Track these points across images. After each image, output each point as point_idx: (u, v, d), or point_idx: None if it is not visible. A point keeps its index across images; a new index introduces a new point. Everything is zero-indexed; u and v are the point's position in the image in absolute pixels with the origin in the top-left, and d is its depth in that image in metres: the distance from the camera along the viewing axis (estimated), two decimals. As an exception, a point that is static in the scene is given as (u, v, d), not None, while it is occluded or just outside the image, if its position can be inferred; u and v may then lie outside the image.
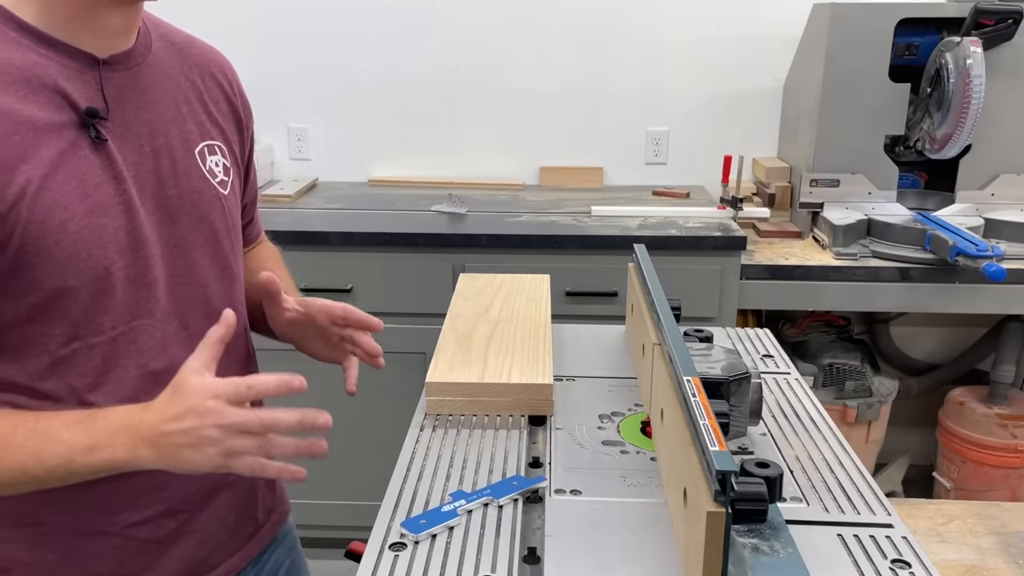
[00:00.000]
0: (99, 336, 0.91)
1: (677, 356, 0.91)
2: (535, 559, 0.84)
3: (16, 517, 0.94)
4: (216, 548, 1.07)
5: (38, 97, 0.85)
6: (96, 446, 0.84)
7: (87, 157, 0.88)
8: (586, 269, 2.25)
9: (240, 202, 1.11)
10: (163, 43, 1.01)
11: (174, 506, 1.00)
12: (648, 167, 2.90)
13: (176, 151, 0.98)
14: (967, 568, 1.24)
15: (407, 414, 1.14)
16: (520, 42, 2.81)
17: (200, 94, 1.04)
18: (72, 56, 0.89)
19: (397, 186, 2.86)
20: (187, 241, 0.99)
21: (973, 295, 2.22)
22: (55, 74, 0.87)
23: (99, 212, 0.88)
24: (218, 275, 1.02)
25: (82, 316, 0.89)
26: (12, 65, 0.85)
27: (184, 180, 0.98)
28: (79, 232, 0.87)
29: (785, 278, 2.25)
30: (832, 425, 1.12)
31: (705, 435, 0.74)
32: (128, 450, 0.84)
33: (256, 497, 1.14)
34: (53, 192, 0.85)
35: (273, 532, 1.18)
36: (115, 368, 0.92)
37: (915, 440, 2.82)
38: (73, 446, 0.84)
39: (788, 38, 2.65)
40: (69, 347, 0.90)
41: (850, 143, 2.37)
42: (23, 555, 0.94)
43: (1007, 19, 2.26)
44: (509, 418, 1.12)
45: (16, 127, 0.83)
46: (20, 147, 0.83)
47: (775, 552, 0.77)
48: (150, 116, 0.96)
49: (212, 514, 1.05)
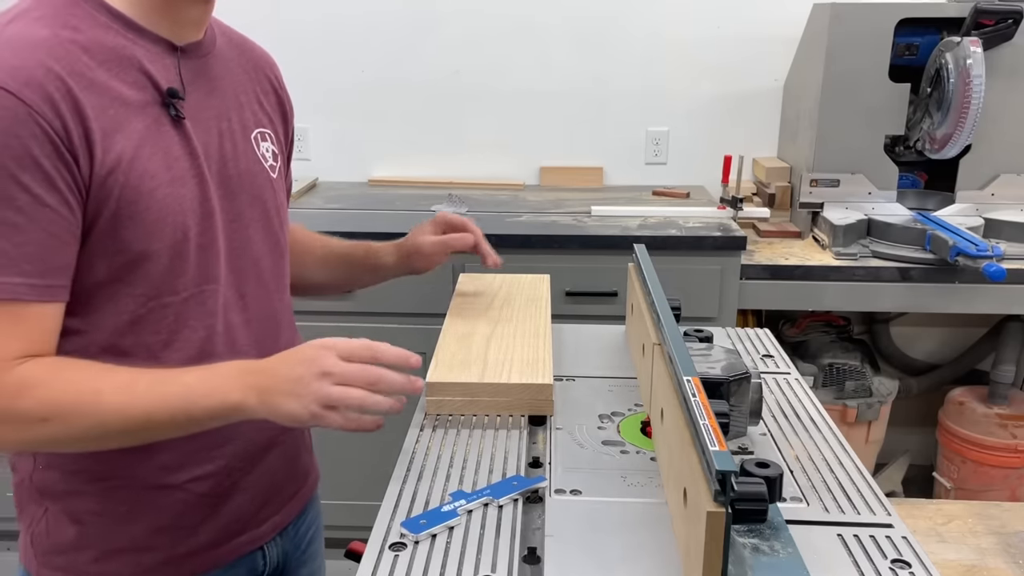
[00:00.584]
0: (173, 296, 0.99)
1: (677, 356, 0.91)
2: (535, 559, 0.84)
3: (90, 473, 1.02)
4: (265, 503, 1.16)
5: (126, 76, 0.95)
6: (214, 390, 0.91)
7: (168, 133, 0.98)
8: (586, 269, 2.25)
9: (284, 186, 1.22)
10: (224, 39, 1.12)
11: (230, 463, 1.09)
12: (648, 167, 2.90)
13: (236, 135, 1.08)
14: (967, 568, 1.24)
15: (407, 414, 1.14)
16: (520, 42, 2.81)
17: (254, 86, 1.15)
18: (154, 42, 0.99)
19: (397, 186, 2.87)
20: (244, 216, 1.08)
21: (973, 295, 2.22)
22: (140, 57, 0.97)
23: (179, 183, 0.98)
24: (269, 249, 1.13)
25: (161, 278, 0.98)
26: (105, 46, 0.94)
27: (243, 161, 1.08)
28: (164, 199, 0.96)
29: (785, 278, 2.25)
30: (832, 425, 1.12)
31: (705, 435, 0.74)
32: (241, 393, 0.91)
33: (299, 458, 1.23)
34: (144, 161, 0.94)
35: (311, 493, 1.28)
36: (184, 328, 1.01)
37: (915, 440, 2.82)
38: (194, 389, 0.91)
39: (788, 38, 2.65)
40: (147, 306, 0.98)
41: (850, 143, 2.37)
42: (95, 507, 1.03)
43: (1007, 19, 2.26)
44: (509, 418, 1.12)
45: (111, 101, 0.92)
46: (115, 119, 0.92)
47: (775, 552, 0.77)
48: (216, 101, 1.06)
49: (263, 472, 1.14)
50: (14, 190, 0.86)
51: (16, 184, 0.86)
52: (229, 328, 1.05)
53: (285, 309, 1.18)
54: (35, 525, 1.06)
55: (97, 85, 0.91)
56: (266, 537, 1.17)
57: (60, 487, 1.04)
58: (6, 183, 0.86)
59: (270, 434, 1.14)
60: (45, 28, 0.91)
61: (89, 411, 0.89)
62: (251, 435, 1.10)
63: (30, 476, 1.05)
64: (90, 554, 1.04)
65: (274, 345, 1.10)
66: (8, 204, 0.86)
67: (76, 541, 1.04)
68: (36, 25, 0.91)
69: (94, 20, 0.94)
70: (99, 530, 1.04)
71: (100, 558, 1.05)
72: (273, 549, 1.20)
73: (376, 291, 2.25)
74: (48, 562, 1.06)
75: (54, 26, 0.91)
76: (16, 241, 0.87)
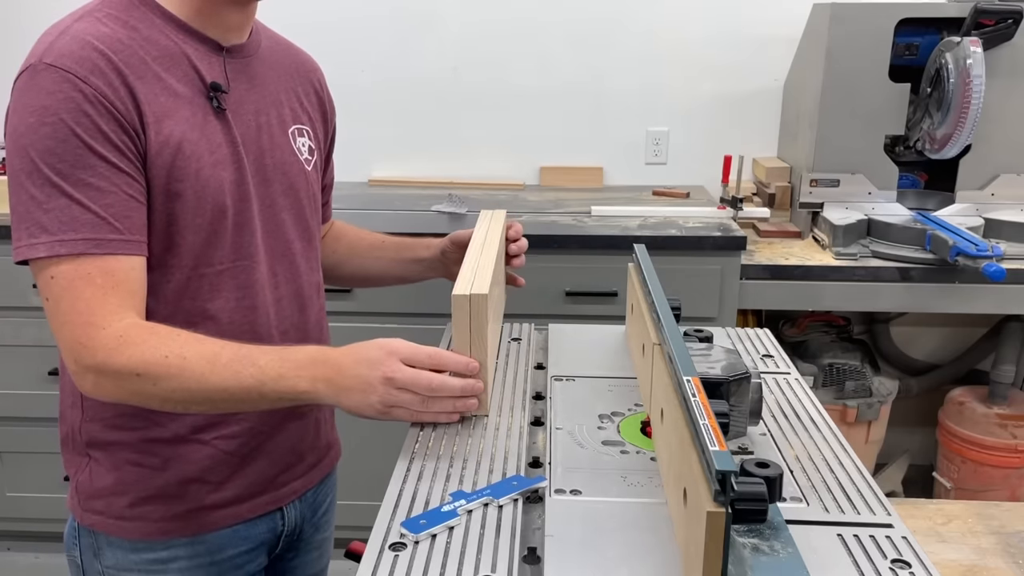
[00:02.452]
0: (209, 268, 1.11)
1: (677, 356, 0.91)
2: (535, 559, 0.84)
3: (129, 426, 1.13)
4: (285, 468, 1.25)
5: (177, 71, 1.07)
6: (284, 375, 1.01)
7: (212, 122, 1.09)
8: (586, 269, 2.25)
9: (321, 181, 1.33)
10: (270, 43, 1.25)
11: (255, 426, 1.19)
12: (648, 167, 2.90)
13: (274, 128, 1.19)
14: (967, 568, 1.24)
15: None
16: (520, 42, 2.81)
17: (295, 87, 1.26)
18: (202, 41, 1.11)
19: (397, 186, 2.86)
20: (278, 203, 1.19)
21: (973, 295, 2.22)
22: (190, 54, 1.09)
23: (220, 166, 1.09)
24: (300, 234, 1.23)
25: (201, 250, 1.09)
26: (159, 44, 1.06)
27: (279, 152, 1.19)
28: (207, 180, 1.07)
29: (785, 278, 2.25)
30: (832, 425, 1.12)
31: (705, 435, 0.74)
32: (310, 382, 1.01)
33: (320, 431, 1.32)
34: (190, 145, 1.06)
35: (330, 466, 1.38)
36: (218, 298, 1.12)
37: (915, 440, 2.82)
38: (267, 371, 1.01)
39: (788, 38, 2.65)
40: (187, 275, 1.10)
41: (850, 143, 2.37)
42: (132, 456, 1.15)
43: (1007, 19, 2.26)
44: (509, 418, 1.12)
45: (162, 91, 1.05)
46: (165, 107, 1.05)
47: (775, 552, 0.77)
48: (256, 98, 1.17)
49: (285, 438, 1.24)
50: (92, 159, 0.99)
51: (93, 154, 0.99)
52: (261, 302, 1.16)
53: (314, 290, 1.28)
54: (80, 473, 1.17)
55: (150, 76, 1.04)
56: (286, 499, 1.27)
57: (102, 437, 1.15)
58: (85, 153, 0.98)
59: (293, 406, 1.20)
60: (107, 27, 1.03)
61: (175, 374, 0.99)
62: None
63: (78, 427, 1.16)
64: (126, 499, 1.15)
65: (302, 320, 1.24)
66: (91, 171, 0.99)
67: (114, 487, 1.15)
68: (100, 24, 1.03)
69: (150, 21, 1.07)
70: (135, 477, 1.15)
71: (135, 503, 1.15)
72: (292, 512, 1.29)
73: (376, 291, 2.26)
74: (90, 506, 1.17)
75: (115, 25, 1.04)
76: (103, 203, 0.99)
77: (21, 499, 2.58)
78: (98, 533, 1.17)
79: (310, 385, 1.01)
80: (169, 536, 1.17)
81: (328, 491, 1.39)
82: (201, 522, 1.18)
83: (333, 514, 1.43)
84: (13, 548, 2.73)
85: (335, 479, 1.42)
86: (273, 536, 1.27)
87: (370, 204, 2.62)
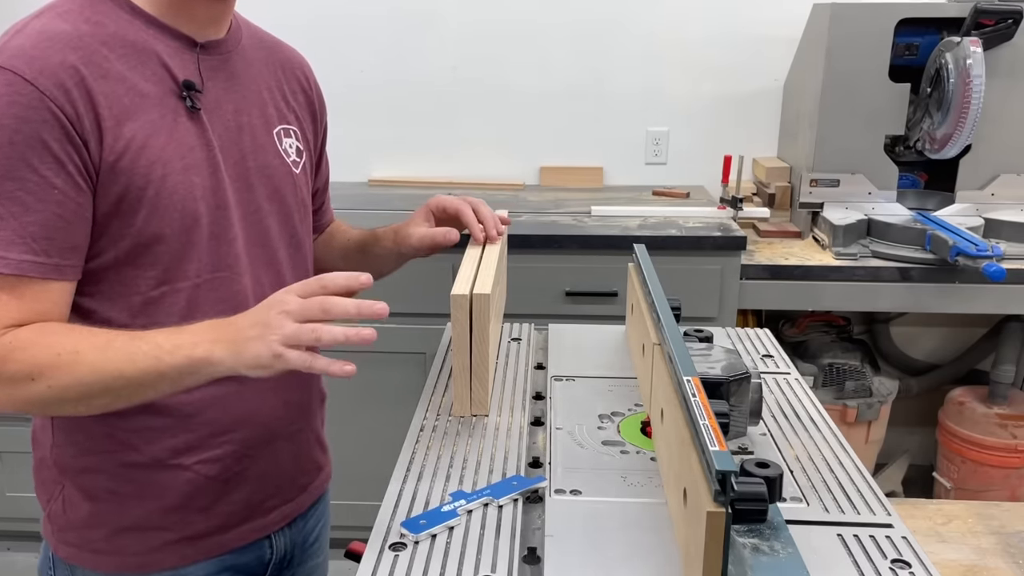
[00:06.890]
0: (185, 282, 1.03)
1: (677, 356, 0.91)
2: (535, 559, 0.84)
3: (103, 451, 1.06)
4: (273, 493, 1.18)
5: (145, 69, 1.00)
6: (180, 345, 0.92)
7: (184, 124, 1.02)
8: (586, 269, 2.25)
9: (312, 184, 1.26)
10: (253, 40, 1.17)
11: (239, 449, 1.11)
12: (648, 167, 2.90)
13: (257, 129, 1.11)
14: (967, 568, 1.24)
15: (407, 414, 1.14)
16: (520, 42, 2.81)
17: (281, 85, 1.19)
18: (175, 37, 1.03)
19: (397, 186, 2.86)
20: (262, 209, 1.12)
21: (973, 295, 2.22)
22: (160, 51, 1.01)
23: (192, 171, 1.02)
24: (287, 241, 1.16)
25: (171, 262, 1.02)
26: (126, 40, 0.99)
27: (262, 155, 1.12)
28: (175, 186, 1.00)
29: (785, 278, 2.25)
30: (832, 425, 1.12)
31: (705, 435, 0.74)
32: (206, 347, 0.91)
33: (311, 451, 1.25)
34: (156, 150, 0.98)
35: (322, 488, 1.29)
36: (197, 312, 1.03)
37: (915, 440, 2.82)
38: (162, 345, 0.92)
39: (788, 38, 2.65)
40: (159, 290, 1.02)
41: (850, 143, 2.37)
42: (108, 484, 1.08)
43: (1007, 19, 2.26)
44: (509, 418, 1.12)
45: (126, 91, 0.97)
46: (128, 108, 0.97)
47: (775, 552, 0.77)
48: (236, 97, 1.09)
49: (272, 460, 1.16)
50: (24, 171, 0.91)
51: (26, 166, 0.91)
52: None
53: None
54: (53, 502, 1.11)
55: (112, 75, 0.96)
56: (273, 526, 1.19)
57: (76, 464, 1.08)
58: (17, 165, 0.91)
59: (280, 423, 1.16)
60: (66, 23, 0.97)
61: (69, 370, 0.92)
62: (261, 421, 1.13)
63: (49, 451, 1.10)
64: (102, 531, 1.09)
65: None
66: (18, 184, 0.92)
67: (89, 518, 1.09)
68: (58, 20, 0.97)
69: (117, 16, 1.00)
70: (111, 507, 1.08)
71: (112, 535, 1.09)
72: (281, 539, 1.21)
73: (376, 291, 2.25)
74: (64, 538, 1.10)
75: (76, 21, 0.97)
76: (24, 220, 0.92)
77: (21, 499, 2.58)
78: (74, 566, 1.10)
79: (206, 351, 0.91)
80: (148, 570, 1.10)
81: (320, 515, 1.32)
82: (182, 553, 1.11)
83: (327, 539, 1.36)
84: (13, 548, 2.73)
85: (328, 502, 1.35)
86: (261, 566, 1.20)
87: (370, 204, 2.62)
